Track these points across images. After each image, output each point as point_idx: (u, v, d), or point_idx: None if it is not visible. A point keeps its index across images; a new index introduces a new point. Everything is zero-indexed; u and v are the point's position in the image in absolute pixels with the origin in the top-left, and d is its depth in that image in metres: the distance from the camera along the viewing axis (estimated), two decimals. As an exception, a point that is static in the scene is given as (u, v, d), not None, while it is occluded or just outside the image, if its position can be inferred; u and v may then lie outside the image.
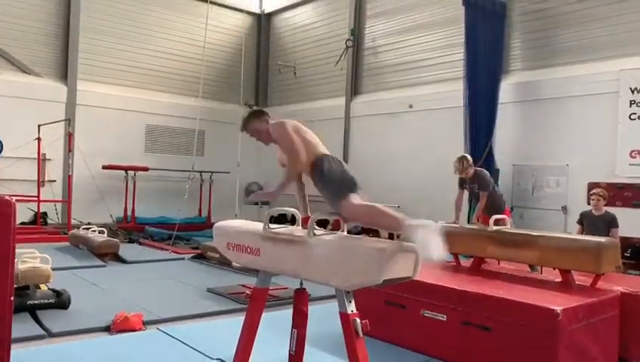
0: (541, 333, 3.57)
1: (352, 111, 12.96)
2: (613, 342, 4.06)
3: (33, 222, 11.14)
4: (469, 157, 6.61)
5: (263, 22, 15.68)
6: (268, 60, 15.69)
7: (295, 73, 14.38)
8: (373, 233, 11.44)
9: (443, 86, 10.89)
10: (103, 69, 12.85)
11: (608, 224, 6.19)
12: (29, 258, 5.13)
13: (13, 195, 2.73)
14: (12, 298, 2.71)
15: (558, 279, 4.60)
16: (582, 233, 6.36)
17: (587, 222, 6.31)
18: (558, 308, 3.53)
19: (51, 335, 4.43)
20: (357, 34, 13.03)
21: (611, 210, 6.59)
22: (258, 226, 3.54)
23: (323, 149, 3.45)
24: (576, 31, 9.17)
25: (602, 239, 4.53)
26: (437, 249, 2.83)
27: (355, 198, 3.22)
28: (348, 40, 12.94)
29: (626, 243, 6.70)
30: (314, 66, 13.98)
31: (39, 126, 10.65)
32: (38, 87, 11.84)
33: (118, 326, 4.60)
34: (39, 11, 12.15)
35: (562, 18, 9.35)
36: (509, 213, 6.87)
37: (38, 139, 10.67)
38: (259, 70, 15.70)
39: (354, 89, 13.07)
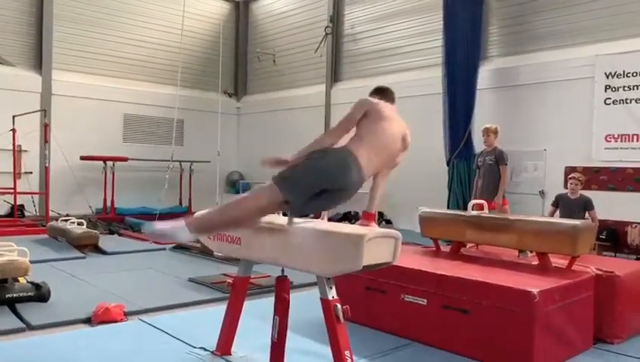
0: (518, 315, 3.64)
1: (333, 99, 12.94)
2: (589, 323, 4.17)
3: (10, 214, 10.97)
4: (494, 127, 7.08)
5: (241, 9, 15.52)
6: (247, 48, 15.56)
7: (274, 61, 14.30)
8: (354, 220, 11.53)
9: (422, 73, 10.92)
10: (78, 58, 12.63)
11: (584, 207, 6.31)
12: (7, 251, 5.06)
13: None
14: (-11, 291, 2.69)
15: (535, 262, 4.69)
16: (554, 214, 6.48)
17: (563, 205, 6.42)
18: (535, 290, 3.61)
19: (31, 328, 4.39)
20: (336, 21, 12.99)
21: (587, 193, 6.72)
22: (238, 215, 3.54)
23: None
24: (552, 17, 9.26)
25: (578, 222, 4.62)
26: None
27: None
28: (327, 27, 12.90)
29: (602, 225, 6.84)
30: (293, 54, 13.91)
31: (14, 117, 10.45)
32: (11, 77, 11.58)
33: (99, 318, 4.57)
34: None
35: (539, 4, 9.43)
36: (506, 203, 7.01)
37: (13, 130, 10.47)
38: (238, 58, 15.57)
39: (334, 76, 13.05)
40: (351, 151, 3.03)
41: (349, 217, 11.58)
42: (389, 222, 11.25)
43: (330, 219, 3.45)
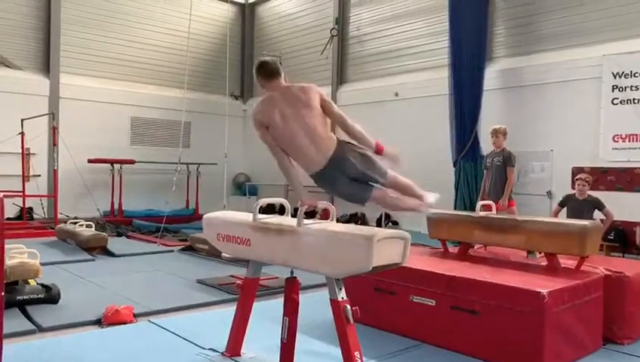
0: (528, 316, 3.64)
1: (338, 100, 12.93)
2: (598, 323, 4.15)
3: (19, 217, 11.03)
4: (503, 128, 7.12)
5: (247, 12, 15.57)
6: (253, 50, 15.59)
7: (280, 63, 14.15)
8: (361, 221, 11.53)
9: (428, 74, 10.92)
10: (86, 62, 12.70)
11: (593, 207, 6.28)
12: (17, 253, 5.10)
13: None
14: (2, 293, 2.71)
15: (544, 263, 4.68)
16: (558, 214, 6.46)
17: (571, 206, 6.39)
18: (544, 291, 3.60)
19: (42, 330, 4.41)
20: (341, 23, 13.00)
21: (595, 194, 6.69)
22: (248, 217, 3.57)
23: None
24: (559, 17, 9.24)
25: (587, 222, 4.60)
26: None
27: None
28: (333, 29, 12.91)
29: (610, 226, 6.81)
30: (299, 56, 13.92)
31: (22, 120, 10.51)
32: (20, 80, 11.66)
33: (109, 319, 4.60)
34: (20, 4, 11.94)
35: (545, 4, 9.41)
36: (514, 205, 7.01)
37: (22, 133, 10.54)
38: (244, 60, 15.60)
39: (339, 78, 13.06)
40: (303, 166, 3.34)
41: (356, 219, 11.59)
42: (395, 223, 11.24)
43: (338, 221, 3.45)
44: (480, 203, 5.42)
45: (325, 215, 3.56)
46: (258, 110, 3.34)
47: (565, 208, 6.45)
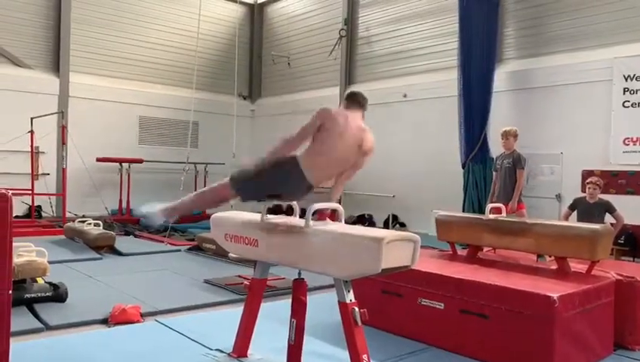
0: (538, 320, 3.60)
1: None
2: (609, 328, 4.11)
3: (27, 215, 11.09)
4: (514, 130, 7.12)
5: (256, 12, 15.58)
6: (261, 51, 15.61)
7: (289, 63, 14.32)
8: (369, 222, 11.50)
9: (437, 75, 10.87)
10: (95, 61, 12.75)
11: (604, 210, 6.22)
12: (25, 251, 5.11)
13: (7, 189, 2.71)
14: (10, 291, 2.71)
15: (554, 266, 4.64)
16: (568, 217, 6.41)
17: (581, 209, 6.33)
18: (555, 295, 3.56)
19: (49, 328, 4.42)
20: (350, 23, 12.98)
21: (606, 197, 6.62)
22: (256, 217, 3.55)
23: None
24: (569, 19, 9.17)
25: (598, 226, 4.55)
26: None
27: None
28: (341, 30, 12.89)
29: (621, 229, 6.74)
30: (308, 56, 13.92)
31: (32, 119, 10.56)
32: (30, 79, 11.73)
33: (116, 319, 4.60)
34: (30, 3, 12.01)
35: (556, 6, 9.34)
36: (523, 207, 6.96)
37: (31, 132, 10.58)
38: (252, 61, 15.62)
39: (348, 79, 13.03)
40: (299, 163, 3.30)
41: (362, 220, 11.56)
42: (403, 225, 11.20)
43: (346, 222, 3.42)
44: (489, 205, 5.38)
45: (332, 216, 3.52)
46: (333, 111, 3.43)
47: (575, 211, 6.39)
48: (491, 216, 5.09)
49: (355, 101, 3.60)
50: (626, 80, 8.33)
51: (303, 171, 3.29)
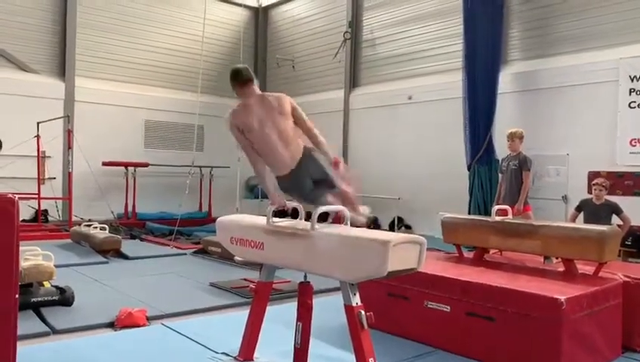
0: (545, 323, 3.58)
1: (351, 104, 12.93)
2: (617, 331, 4.08)
3: (34, 219, 11.14)
4: (520, 131, 7.07)
5: (260, 15, 15.61)
6: (266, 54, 15.63)
7: (293, 66, 14.34)
8: (374, 225, 11.48)
9: (442, 77, 10.86)
10: (100, 65, 12.80)
11: (611, 212, 6.18)
12: (32, 255, 5.13)
13: (14, 193, 2.72)
14: (17, 295, 2.71)
15: (561, 268, 4.61)
16: (575, 219, 6.37)
17: (587, 211, 6.30)
18: (562, 297, 3.54)
19: (56, 332, 4.44)
20: (355, 26, 12.98)
21: (612, 198, 6.59)
22: (261, 220, 3.55)
23: None
24: (575, 20, 9.13)
25: (605, 228, 4.52)
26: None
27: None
28: (346, 32, 12.89)
29: (628, 231, 6.69)
30: (312, 59, 13.93)
31: (38, 123, 10.62)
32: (36, 84, 11.78)
33: (122, 322, 4.60)
34: (36, 8, 12.08)
35: (561, 7, 9.31)
36: (530, 209, 6.93)
37: (38, 136, 10.64)
38: (257, 64, 15.62)
39: (352, 81, 13.03)
40: (271, 173, 3.60)
41: (368, 223, 11.53)
42: (408, 228, 11.17)
43: (351, 225, 3.42)
44: (496, 207, 5.36)
45: (337, 219, 3.52)
46: (234, 116, 3.60)
47: (582, 213, 6.36)
48: (497, 218, 5.07)
49: (243, 80, 3.66)
50: (632, 81, 8.29)
51: (276, 175, 3.55)
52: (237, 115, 3.58)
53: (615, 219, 6.21)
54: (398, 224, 11.16)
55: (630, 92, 8.31)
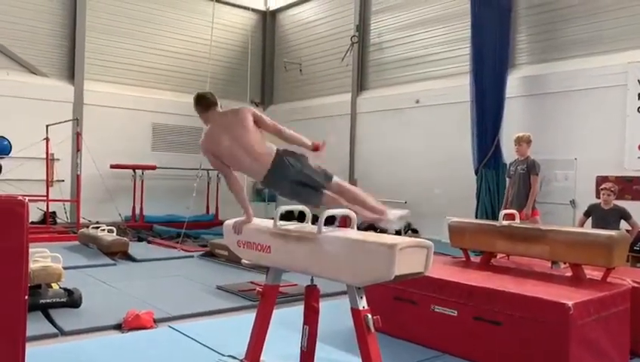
0: (552, 328, 3.56)
1: (359, 108, 12.94)
2: (625, 336, 4.05)
3: (42, 221, 11.21)
4: (527, 136, 7.09)
5: (268, 19, 15.66)
6: (274, 58, 15.68)
7: (301, 70, 14.37)
8: (380, 229, 11.45)
9: (449, 81, 10.85)
10: (109, 69, 12.90)
11: (619, 217, 6.15)
12: (41, 257, 5.17)
13: (23, 195, 2.74)
14: (27, 297, 2.73)
15: (569, 273, 4.59)
16: (584, 224, 6.34)
17: (596, 215, 6.27)
18: (570, 303, 3.53)
19: (63, 333, 4.47)
20: (362, 30, 13.00)
21: (621, 203, 6.55)
22: (268, 223, 3.56)
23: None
24: (583, 24, 9.11)
25: (614, 233, 4.50)
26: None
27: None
28: (353, 36, 12.91)
29: (636, 236, 6.65)
30: (320, 63, 13.96)
31: (47, 126, 10.70)
32: (45, 87, 11.89)
33: (130, 324, 4.63)
34: (45, 11, 12.19)
35: (569, 11, 9.29)
36: (538, 214, 6.91)
37: (47, 139, 10.72)
38: (265, 68, 15.69)
39: (360, 85, 13.04)
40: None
41: (374, 226, 11.50)
42: (415, 232, 11.14)
43: (357, 228, 3.41)
44: (503, 212, 5.34)
45: (344, 222, 3.53)
46: (205, 142, 3.68)
47: (590, 218, 6.32)
48: (505, 223, 5.05)
49: (207, 104, 3.78)
50: (641, 85, 8.25)
51: (264, 184, 3.71)
52: (207, 140, 3.66)
53: (624, 224, 6.17)
54: (405, 228, 11.12)
55: (639, 96, 8.27)
